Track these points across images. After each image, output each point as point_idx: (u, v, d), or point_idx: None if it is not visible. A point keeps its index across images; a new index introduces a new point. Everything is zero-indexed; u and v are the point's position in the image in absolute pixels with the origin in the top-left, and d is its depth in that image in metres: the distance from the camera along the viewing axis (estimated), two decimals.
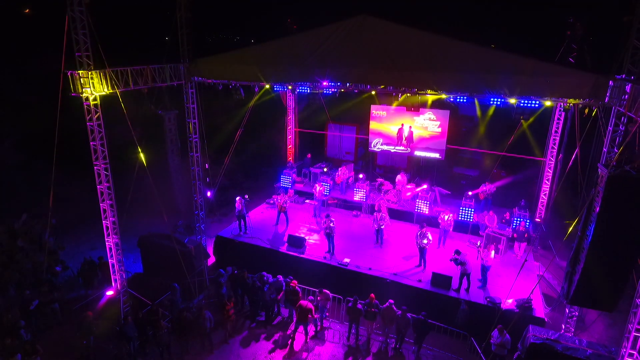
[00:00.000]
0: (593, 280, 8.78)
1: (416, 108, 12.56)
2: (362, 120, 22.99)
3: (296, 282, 12.50)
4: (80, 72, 9.86)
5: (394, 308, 11.62)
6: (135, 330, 11.05)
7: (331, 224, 13.87)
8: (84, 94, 10.03)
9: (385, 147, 19.22)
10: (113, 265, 11.72)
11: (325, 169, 19.17)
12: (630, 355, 7.39)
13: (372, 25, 10.80)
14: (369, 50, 11.02)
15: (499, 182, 18.18)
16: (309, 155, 20.94)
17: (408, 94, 12.36)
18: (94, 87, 10.12)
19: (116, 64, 10.70)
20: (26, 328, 10.72)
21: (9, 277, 12.27)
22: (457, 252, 12.40)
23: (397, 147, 18.95)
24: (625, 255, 8.33)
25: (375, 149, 19.56)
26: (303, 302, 11.62)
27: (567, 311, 10.83)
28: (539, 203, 16.71)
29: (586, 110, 9.53)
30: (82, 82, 9.91)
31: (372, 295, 11.83)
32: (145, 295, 12.55)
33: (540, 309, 11.64)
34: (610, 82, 8.80)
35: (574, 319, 10.79)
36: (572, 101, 9.73)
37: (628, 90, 8.27)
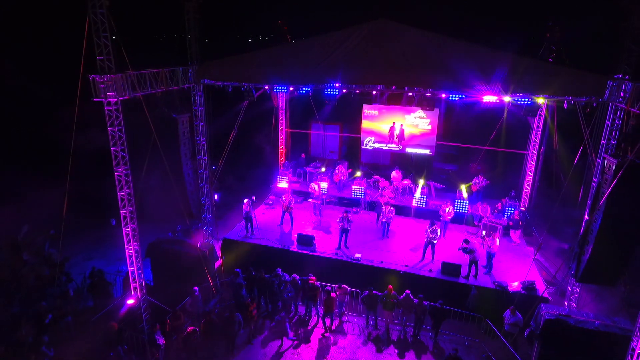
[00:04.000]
0: (600, 259, 9.83)
1: (431, 106, 13.68)
2: (345, 119, 23.55)
3: (314, 278, 12.80)
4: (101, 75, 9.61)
5: (411, 297, 12.26)
6: (163, 337, 10.93)
7: (348, 221, 14.33)
8: (107, 99, 9.77)
9: (377, 145, 19.89)
10: (133, 273, 11.46)
11: (323, 169, 19.55)
12: None
13: (388, 28, 11.35)
14: (383, 53, 11.56)
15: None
16: (303, 155, 21.23)
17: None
18: (117, 92, 9.88)
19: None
20: (48, 344, 10.28)
21: (14, 293, 11.64)
22: (466, 241, 13.25)
23: (389, 145, 19.67)
24: (630, 235, 9.42)
25: (367, 147, 20.16)
26: (332, 294, 12.08)
27: (570, 289, 11.93)
28: (523, 193, 18.03)
29: (587, 109, 10.57)
30: (105, 86, 9.65)
31: (390, 287, 12.40)
32: (162, 303, 12.38)
33: (542, 290, 12.70)
34: (609, 82, 9.86)
35: (576, 295, 11.91)
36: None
37: (628, 88, 9.31)
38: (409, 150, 19.47)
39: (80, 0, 9.30)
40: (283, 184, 19.17)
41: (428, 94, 14.29)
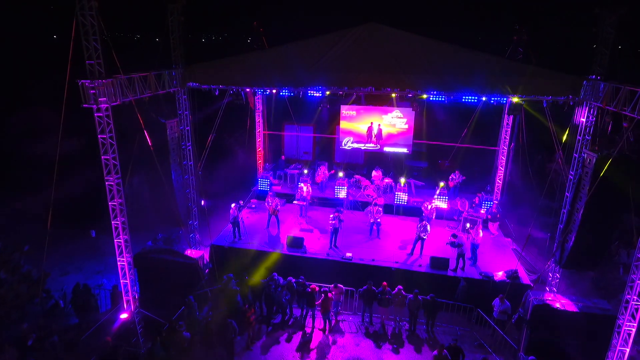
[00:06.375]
0: (583, 246, 10.61)
1: (422, 106, 14.43)
2: (318, 120, 23.75)
3: (315, 286, 12.74)
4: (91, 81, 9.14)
5: (404, 292, 12.63)
6: (162, 350, 10.56)
7: (340, 220, 14.48)
8: (99, 105, 9.31)
9: (355, 145, 20.18)
10: (125, 285, 10.98)
11: (305, 171, 19.58)
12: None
13: (378, 32, 11.63)
14: (373, 56, 11.83)
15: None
16: (283, 157, 21.14)
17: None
18: (108, 97, 9.43)
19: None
20: None
21: None
22: (454, 235, 13.83)
23: (367, 144, 20.01)
24: (608, 223, 10.26)
25: (346, 147, 20.40)
26: (329, 295, 12.19)
27: (551, 275, 12.78)
28: (495, 187, 19.02)
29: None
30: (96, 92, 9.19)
31: (385, 283, 12.71)
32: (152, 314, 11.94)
33: (525, 278, 13.52)
34: (585, 82, 10.68)
35: (556, 281, 12.77)
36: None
37: (601, 88, 10.13)
38: (387, 149, 19.91)
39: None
40: (265, 187, 19.02)
41: (410, 95, 14.73)
